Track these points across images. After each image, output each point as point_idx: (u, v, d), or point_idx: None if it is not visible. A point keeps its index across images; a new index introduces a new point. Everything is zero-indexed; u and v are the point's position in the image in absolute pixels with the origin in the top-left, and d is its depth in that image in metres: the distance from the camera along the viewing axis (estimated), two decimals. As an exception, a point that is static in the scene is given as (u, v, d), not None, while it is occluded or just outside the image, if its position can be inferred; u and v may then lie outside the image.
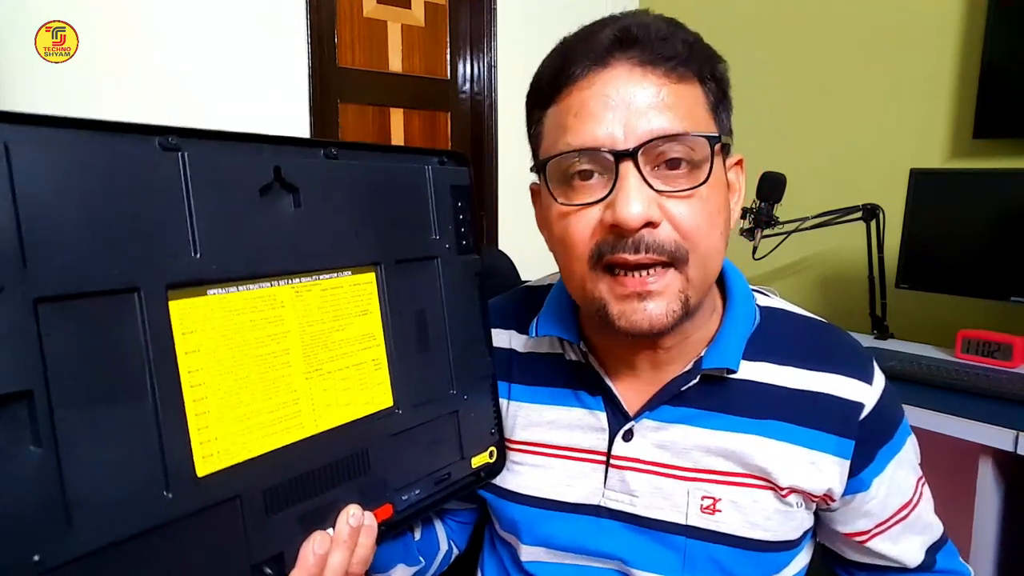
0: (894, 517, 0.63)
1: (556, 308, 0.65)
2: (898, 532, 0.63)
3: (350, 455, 0.50)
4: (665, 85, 0.51)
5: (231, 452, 0.43)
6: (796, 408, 0.59)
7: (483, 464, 0.63)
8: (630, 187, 0.50)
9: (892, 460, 0.61)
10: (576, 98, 0.52)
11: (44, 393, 0.35)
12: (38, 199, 0.35)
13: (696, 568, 0.59)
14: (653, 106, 0.50)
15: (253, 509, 0.44)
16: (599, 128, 0.51)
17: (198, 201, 0.41)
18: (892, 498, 0.62)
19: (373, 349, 0.53)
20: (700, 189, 0.52)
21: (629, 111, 0.50)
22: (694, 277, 0.52)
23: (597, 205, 0.52)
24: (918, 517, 0.64)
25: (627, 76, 0.51)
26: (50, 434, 0.35)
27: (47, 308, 0.35)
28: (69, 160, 0.37)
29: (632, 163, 0.50)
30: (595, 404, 0.63)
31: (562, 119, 0.53)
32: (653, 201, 0.50)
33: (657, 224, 0.51)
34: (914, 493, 0.64)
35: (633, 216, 0.49)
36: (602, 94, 0.51)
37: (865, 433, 0.59)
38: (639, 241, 0.50)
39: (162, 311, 0.40)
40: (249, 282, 0.44)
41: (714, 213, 0.53)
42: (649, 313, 0.52)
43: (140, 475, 0.38)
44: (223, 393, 0.43)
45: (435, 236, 0.57)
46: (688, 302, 0.53)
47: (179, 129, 0.42)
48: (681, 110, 0.51)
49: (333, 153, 0.50)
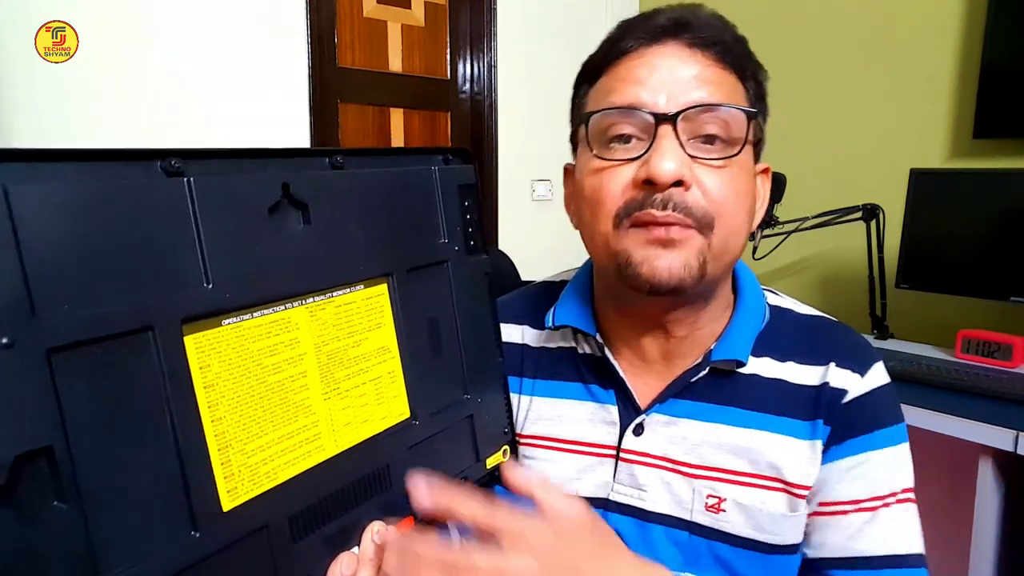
0: (831, 507, 0.59)
1: (573, 300, 0.66)
2: (824, 522, 0.59)
3: (371, 472, 0.50)
4: (710, 66, 0.55)
5: (255, 482, 0.42)
6: (798, 402, 0.59)
7: (498, 464, 0.63)
8: (666, 146, 0.52)
9: (858, 455, 0.58)
10: (626, 66, 0.56)
11: (64, 446, 0.33)
12: (43, 243, 0.33)
13: (699, 564, 0.60)
14: (697, 79, 0.54)
15: (280, 537, 0.43)
16: (644, 92, 0.54)
17: (207, 227, 0.40)
18: (839, 488, 0.58)
19: (389, 362, 0.52)
20: (731, 163, 0.54)
21: (674, 81, 0.54)
22: (715, 246, 0.54)
23: (632, 163, 0.54)
24: (853, 521, 0.59)
25: (676, 53, 0.55)
26: (73, 488, 0.33)
27: (60, 358, 0.33)
28: (71, 196, 0.34)
29: (671, 126, 0.53)
30: (607, 398, 0.64)
31: (609, 84, 0.57)
32: (686, 163, 0.52)
33: (688, 186, 0.52)
34: (868, 499, 0.58)
35: (666, 171, 0.51)
36: (651, 63, 0.55)
37: (841, 419, 0.58)
38: (668, 199, 0.52)
39: (178, 347, 0.38)
40: (263, 307, 0.43)
41: (742, 192, 0.55)
42: (670, 262, 0.53)
43: (166, 518, 0.37)
44: (244, 424, 0.42)
45: (444, 240, 0.56)
46: (705, 266, 0.53)
47: (181, 151, 0.39)
48: (722, 88, 0.54)
49: (339, 162, 0.49)
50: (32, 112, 1.61)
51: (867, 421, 0.59)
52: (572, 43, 2.43)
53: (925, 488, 1.73)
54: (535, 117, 2.36)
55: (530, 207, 2.46)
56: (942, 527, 1.47)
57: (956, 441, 1.21)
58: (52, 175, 0.34)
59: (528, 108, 2.36)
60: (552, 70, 2.32)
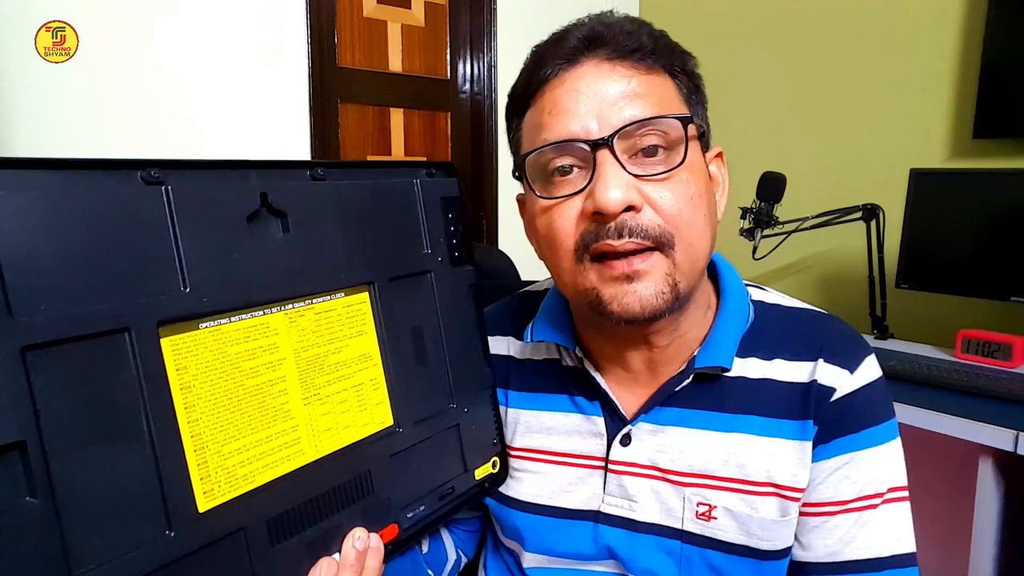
0: (815, 508, 0.58)
1: (551, 313, 0.65)
2: (813, 524, 0.58)
3: (353, 478, 0.50)
4: (635, 76, 0.53)
5: (232, 485, 0.43)
6: (787, 401, 0.58)
7: (487, 475, 0.63)
8: (608, 173, 0.51)
9: (845, 455, 0.57)
10: (549, 97, 0.54)
11: (38, 442, 0.34)
12: (19, 245, 0.34)
13: (693, 573, 0.59)
14: (624, 95, 0.52)
15: (258, 540, 0.44)
16: (573, 122, 0.52)
17: (185, 234, 0.41)
18: (825, 488, 0.57)
19: (371, 369, 0.53)
20: (678, 172, 0.52)
21: (601, 103, 0.52)
22: (681, 261, 0.52)
23: (578, 196, 0.53)
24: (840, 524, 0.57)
25: (596, 71, 0.53)
26: (46, 484, 0.34)
27: (35, 356, 0.34)
28: (50, 202, 0.36)
29: (608, 151, 0.51)
30: (592, 409, 0.63)
31: (538, 118, 0.55)
32: (632, 186, 0.51)
33: (639, 209, 0.51)
34: (854, 499, 0.57)
35: (612, 200, 0.50)
36: (574, 89, 0.53)
37: (828, 418, 0.57)
38: (622, 226, 0.50)
39: (154, 349, 0.39)
40: (241, 312, 0.44)
41: (695, 197, 0.53)
42: (639, 295, 0.51)
43: (141, 516, 0.38)
44: (221, 426, 0.42)
45: (427, 250, 0.57)
46: (677, 286, 0.52)
47: (161, 161, 0.41)
48: (652, 98, 0.52)
49: (320, 174, 0.50)
50: (32, 112, 1.61)
51: (854, 420, 0.57)
52: (572, 43, 2.43)
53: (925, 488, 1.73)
54: (535, 117, 2.36)
55: (530, 207, 2.45)
56: (942, 527, 1.47)
57: (956, 441, 1.21)
58: (33, 182, 0.35)
59: (528, 108, 2.36)
60: (552, 70, 2.32)
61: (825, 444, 0.57)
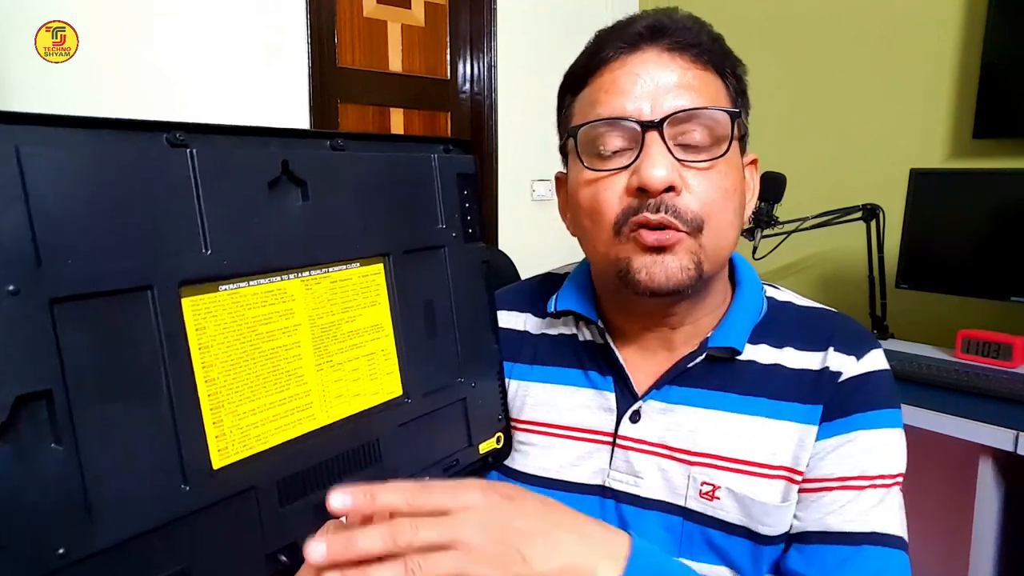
0: (812, 483, 0.58)
1: (576, 287, 0.68)
2: (809, 499, 0.58)
3: (361, 445, 0.51)
4: (690, 69, 0.56)
5: (245, 444, 0.44)
6: (796, 386, 0.60)
7: (491, 450, 0.63)
8: (655, 152, 0.54)
9: (844, 434, 0.58)
10: (607, 77, 0.57)
11: (63, 392, 0.35)
12: (50, 200, 0.35)
13: (693, 549, 0.60)
14: (678, 85, 0.55)
15: (268, 500, 0.44)
16: (628, 102, 0.55)
17: (207, 197, 0.41)
18: (823, 464, 0.58)
19: (382, 339, 0.53)
20: (718, 163, 0.56)
21: (656, 88, 0.55)
22: (707, 245, 0.56)
23: (624, 172, 0.56)
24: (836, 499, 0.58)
25: (656, 59, 0.56)
26: (70, 432, 0.35)
27: (62, 308, 0.35)
28: (79, 160, 0.37)
29: (657, 133, 0.54)
30: (605, 384, 0.64)
31: (594, 96, 0.58)
32: (675, 168, 0.54)
33: (679, 191, 0.54)
34: (851, 476, 0.58)
35: (657, 178, 0.53)
36: (632, 72, 0.56)
37: (831, 397, 0.59)
38: (660, 203, 0.54)
39: (175, 308, 0.40)
40: (260, 277, 0.45)
41: (730, 190, 0.56)
42: (667, 266, 0.55)
43: (158, 469, 0.39)
44: (236, 387, 0.43)
45: (442, 225, 0.58)
46: (701, 266, 0.55)
47: (186, 124, 0.42)
48: (703, 91, 0.56)
49: (340, 144, 0.51)
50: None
51: (859, 401, 0.59)
52: (572, 43, 2.42)
53: (925, 488, 1.73)
54: (535, 117, 2.36)
55: (530, 207, 2.46)
56: (942, 527, 1.47)
57: (956, 441, 1.21)
58: (63, 139, 0.37)
59: (528, 108, 2.36)
60: (552, 70, 2.30)
61: (829, 422, 0.59)
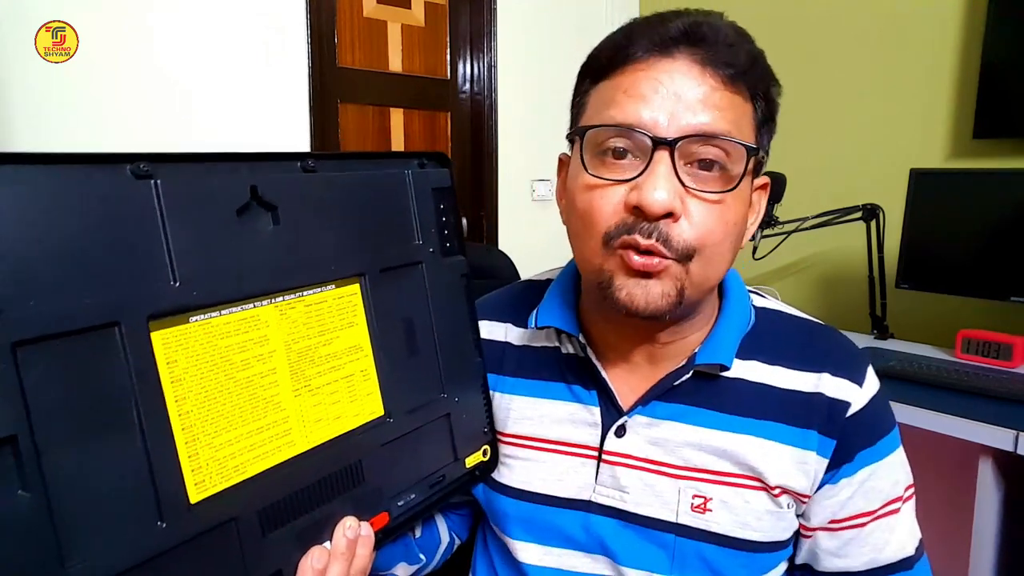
0: (849, 521, 0.60)
1: (556, 300, 0.66)
2: (848, 536, 0.61)
3: (343, 468, 0.50)
4: (718, 89, 0.52)
5: (223, 476, 0.43)
6: (786, 407, 0.59)
7: (477, 463, 0.63)
8: (660, 174, 0.51)
9: (869, 466, 0.60)
10: (630, 77, 0.53)
11: (29, 437, 0.34)
12: (11, 240, 0.34)
13: (686, 566, 0.60)
14: (702, 102, 0.51)
15: (249, 530, 0.44)
16: (645, 110, 0.51)
17: (174, 228, 0.41)
18: (855, 501, 0.60)
19: (361, 360, 0.53)
20: (726, 196, 0.52)
21: (678, 102, 0.51)
22: (694, 274, 0.53)
23: (625, 184, 0.53)
24: (873, 532, 0.61)
25: (686, 70, 0.51)
26: (38, 477, 0.34)
27: (26, 351, 0.34)
28: (39, 197, 0.36)
29: (668, 152, 0.51)
30: (589, 399, 0.63)
31: (611, 93, 0.54)
32: (678, 194, 0.51)
33: (677, 218, 0.51)
34: (881, 506, 0.61)
35: (658, 202, 0.50)
36: (656, 79, 0.52)
37: (848, 433, 0.59)
38: (654, 229, 0.51)
39: (144, 343, 0.39)
40: (231, 305, 0.44)
41: (731, 224, 0.54)
42: (648, 291, 0.53)
43: (133, 508, 0.38)
44: (212, 418, 0.43)
45: (419, 241, 0.57)
46: (683, 293, 0.53)
47: (150, 155, 0.41)
48: (728, 115, 0.52)
49: (311, 166, 0.50)
50: (32, 112, 1.61)
51: (872, 432, 0.60)
52: (572, 43, 2.44)
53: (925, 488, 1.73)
54: (535, 117, 2.36)
55: (530, 207, 2.45)
56: (942, 527, 1.47)
57: (956, 441, 1.21)
58: (22, 177, 0.35)
59: (528, 108, 2.36)
60: (552, 70, 2.32)
61: (850, 461, 0.59)
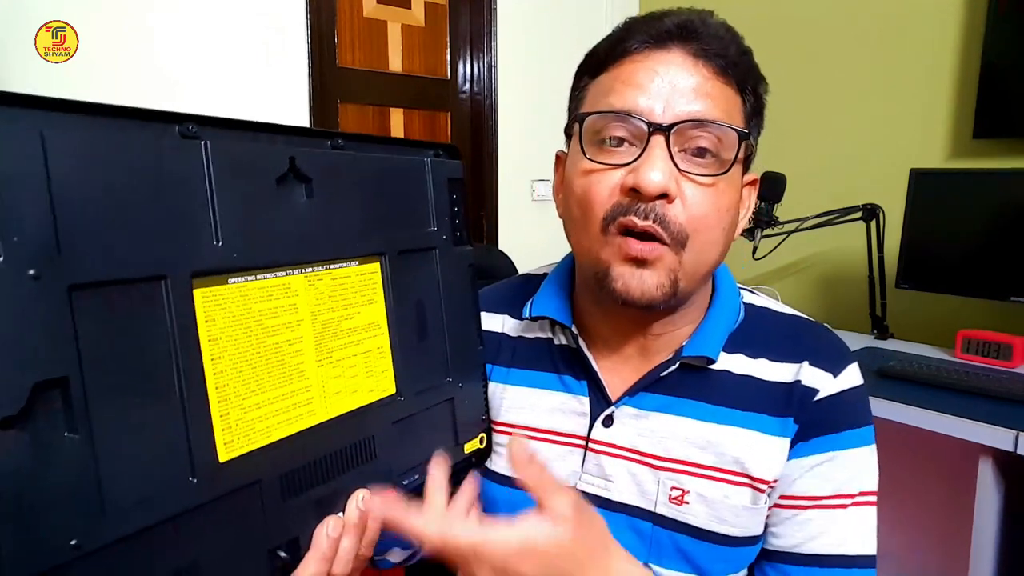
0: (793, 500, 0.60)
1: (551, 292, 0.67)
2: (787, 515, 0.60)
3: (358, 441, 0.51)
4: (711, 79, 0.55)
5: (250, 438, 0.44)
6: (768, 398, 0.60)
7: (475, 449, 0.64)
8: (656, 156, 0.53)
9: (826, 453, 0.59)
10: (628, 68, 0.56)
11: (79, 380, 0.35)
12: (70, 187, 0.35)
13: (662, 555, 0.61)
14: (695, 91, 0.54)
15: (271, 494, 0.45)
16: (641, 97, 0.54)
17: (220, 190, 0.42)
18: (804, 481, 0.59)
19: (378, 337, 0.54)
20: (718, 180, 0.55)
21: (673, 90, 0.54)
22: (687, 262, 0.55)
23: (622, 169, 0.55)
24: (812, 518, 0.60)
25: (680, 61, 0.55)
26: (85, 421, 0.35)
27: (80, 295, 0.35)
28: (98, 147, 0.37)
29: (663, 138, 0.53)
30: (579, 389, 0.65)
31: (609, 84, 0.57)
32: (673, 176, 0.53)
33: (672, 199, 0.54)
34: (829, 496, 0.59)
35: (653, 182, 0.52)
36: (652, 69, 0.55)
37: (811, 414, 0.59)
38: (651, 210, 0.53)
39: (187, 299, 0.40)
40: (266, 271, 0.45)
41: (723, 209, 0.56)
42: (643, 281, 0.54)
43: (168, 461, 0.39)
44: (242, 380, 0.43)
45: (433, 227, 0.59)
46: (677, 283, 0.55)
47: (198, 117, 0.42)
48: (720, 104, 0.55)
49: (339, 144, 0.51)
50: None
51: (836, 420, 0.60)
52: (572, 43, 2.42)
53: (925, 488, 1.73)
54: (535, 117, 2.36)
55: (530, 207, 2.46)
56: (942, 527, 1.47)
57: (956, 441, 1.21)
58: (83, 126, 0.37)
59: (528, 108, 2.36)
60: (552, 70, 2.32)
61: (806, 441, 0.60)
